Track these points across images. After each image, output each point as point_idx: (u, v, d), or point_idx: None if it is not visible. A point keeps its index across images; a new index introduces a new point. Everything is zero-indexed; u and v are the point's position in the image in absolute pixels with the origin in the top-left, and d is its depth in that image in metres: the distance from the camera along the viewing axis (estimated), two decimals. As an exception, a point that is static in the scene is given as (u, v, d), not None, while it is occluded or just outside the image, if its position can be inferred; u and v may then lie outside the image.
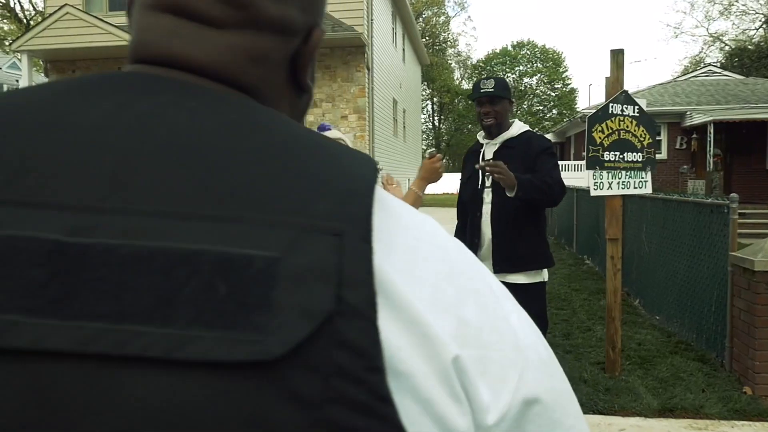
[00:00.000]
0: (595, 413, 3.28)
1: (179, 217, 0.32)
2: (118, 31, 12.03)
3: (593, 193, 3.69)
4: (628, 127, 3.66)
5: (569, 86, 45.63)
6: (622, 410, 3.33)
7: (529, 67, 46.24)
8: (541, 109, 46.32)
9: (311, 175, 0.35)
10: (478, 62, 47.85)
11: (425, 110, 48.23)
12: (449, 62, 47.35)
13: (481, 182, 2.85)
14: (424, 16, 43.31)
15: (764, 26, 27.12)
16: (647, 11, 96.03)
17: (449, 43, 47.36)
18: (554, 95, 45.60)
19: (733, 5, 27.91)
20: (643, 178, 3.79)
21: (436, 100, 47.61)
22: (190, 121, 0.36)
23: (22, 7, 26.87)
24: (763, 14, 26.77)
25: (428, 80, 43.69)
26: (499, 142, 2.88)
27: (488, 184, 2.82)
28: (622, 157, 3.67)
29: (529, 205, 2.74)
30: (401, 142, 19.34)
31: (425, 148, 45.91)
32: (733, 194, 3.89)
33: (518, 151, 2.81)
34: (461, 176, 3.05)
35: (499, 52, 46.64)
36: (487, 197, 2.82)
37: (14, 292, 0.30)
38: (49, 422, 0.29)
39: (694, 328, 4.55)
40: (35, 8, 26.32)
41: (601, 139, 3.63)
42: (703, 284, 4.39)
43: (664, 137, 16.98)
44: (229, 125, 0.37)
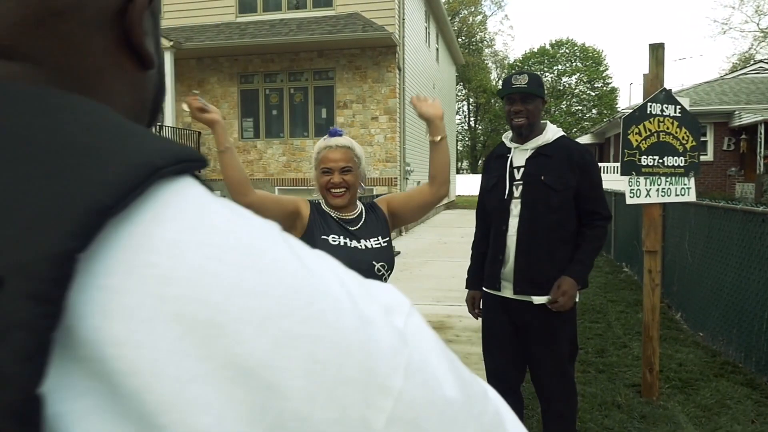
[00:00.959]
0: (628, 444, 2.98)
1: None
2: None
3: (629, 201, 3.38)
4: (668, 128, 3.33)
5: (610, 85, 44.39)
6: (659, 442, 3.02)
7: (568, 66, 45.19)
8: (580, 109, 45.22)
9: (22, 189, 0.25)
10: (515, 62, 47.05)
11: (461, 111, 47.78)
12: (485, 62, 46.71)
13: (508, 191, 2.53)
14: (460, 15, 42.83)
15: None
16: (693, 7, 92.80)
17: (486, 42, 46.74)
18: (594, 95, 44.45)
19: (786, -1, 26.56)
20: (685, 184, 3.45)
21: (472, 100, 47.04)
22: None
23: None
24: (819, 8, 25.38)
25: (464, 81, 43.20)
26: (531, 147, 2.53)
27: (516, 194, 2.52)
28: (661, 161, 3.35)
29: (562, 222, 2.47)
30: (434, 143, 19.04)
31: (461, 149, 45.48)
32: (788, 203, 3.51)
33: (556, 160, 2.47)
34: (483, 182, 2.74)
35: (537, 51, 45.74)
36: (514, 209, 2.51)
37: None
38: None
39: (742, 347, 4.16)
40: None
41: (638, 142, 3.31)
42: (752, 299, 4.01)
43: (710, 138, 16.22)
44: None
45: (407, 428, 0.28)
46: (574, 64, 45.10)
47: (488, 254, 2.64)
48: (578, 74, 44.84)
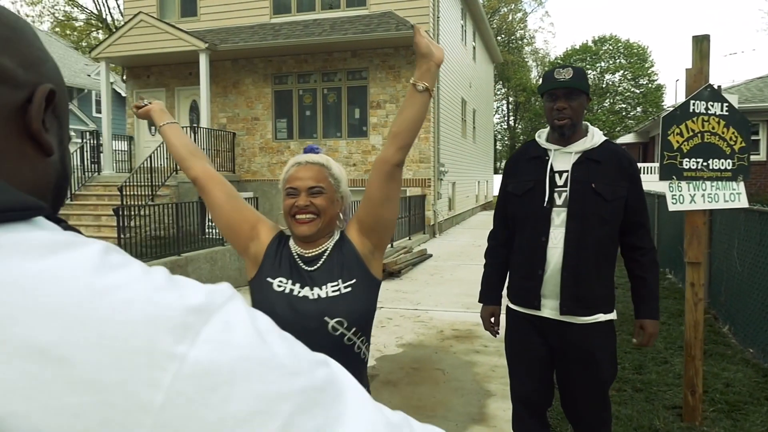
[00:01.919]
0: (666, 476, 2.71)
1: None
2: (187, 36, 12.27)
3: (672, 208, 3.09)
4: (713, 128, 3.03)
5: (655, 82, 42.91)
6: (701, 474, 2.74)
7: (611, 63, 43.92)
8: (624, 107, 43.88)
9: None
10: (555, 59, 46.03)
11: (500, 110, 47.03)
12: (525, 60, 45.83)
13: (548, 198, 2.25)
14: (500, 12, 42.13)
15: None
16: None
17: (526, 40, 45.84)
18: (639, 92, 43.05)
19: None
20: (734, 189, 3.14)
21: (511, 99, 46.25)
22: None
23: (113, 17, 28.46)
24: None
25: (503, 79, 42.49)
26: (576, 150, 2.26)
27: (559, 202, 2.24)
28: (705, 164, 3.05)
29: (612, 235, 2.25)
30: (470, 143, 18.71)
31: (500, 149, 44.73)
32: None
33: (607, 168, 2.22)
34: (509, 185, 2.42)
35: (578, 48, 44.61)
36: (557, 218, 2.24)
37: None
38: None
39: (797, 367, 3.80)
40: (123, 17, 27.83)
41: (679, 143, 3.03)
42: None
43: (762, 137, 15.41)
44: None
45: (197, 383, 0.36)
46: (617, 61, 43.80)
47: (517, 267, 2.38)
48: (622, 71, 43.53)
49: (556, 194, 2.25)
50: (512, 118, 47.38)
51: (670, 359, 4.36)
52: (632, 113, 43.08)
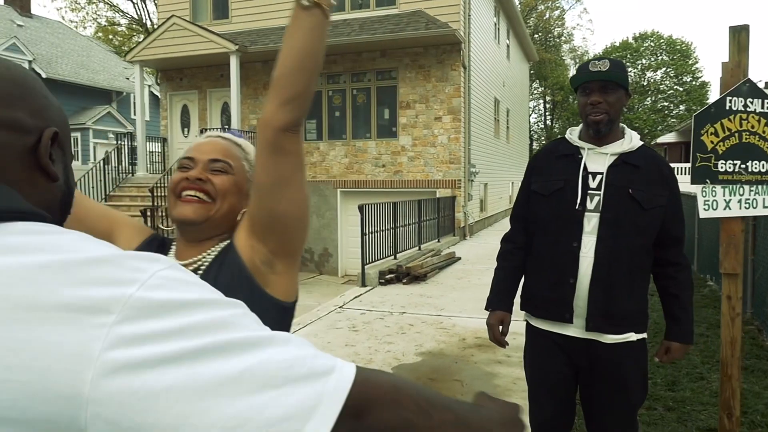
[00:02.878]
0: None
1: None
2: (218, 38, 12.36)
3: (703, 214, 2.83)
4: (753, 127, 2.76)
5: (699, 79, 41.40)
6: (736, 508, 2.49)
7: (653, 60, 42.60)
8: (666, 105, 42.49)
9: None
10: (594, 57, 44.94)
11: (537, 109, 46.21)
12: (563, 58, 44.88)
13: (580, 200, 2.03)
14: (537, 10, 41.36)
15: None
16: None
17: (564, 38, 44.89)
18: (682, 90, 41.61)
19: None
20: (776, 193, 2.86)
21: (548, 98, 45.39)
22: None
23: (152, 22, 29.16)
24: None
25: (540, 78, 41.73)
26: (612, 152, 2.04)
27: (590, 206, 2.02)
28: (744, 167, 2.78)
29: (647, 246, 2.04)
30: (503, 143, 18.35)
31: (536, 148, 43.88)
32: None
33: (646, 174, 2.01)
34: (535, 184, 2.18)
35: (618, 45, 43.44)
36: (587, 224, 2.02)
37: None
38: None
39: None
40: (157, 20, 28.45)
41: (714, 144, 2.77)
42: None
43: (815, 135, 14.57)
44: None
45: (140, 313, 0.45)
46: (659, 57, 42.46)
47: (539, 275, 2.15)
48: (664, 68, 42.18)
49: (587, 197, 2.03)
50: (549, 117, 46.48)
51: (706, 375, 4.07)
52: (675, 112, 41.68)
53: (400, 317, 6.14)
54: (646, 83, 42.20)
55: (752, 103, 2.79)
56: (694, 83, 41.31)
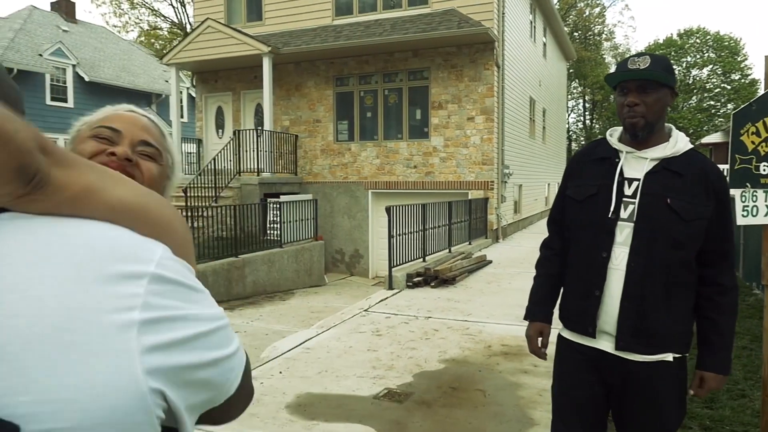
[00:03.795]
0: None
1: None
2: (251, 40, 12.46)
3: (741, 221, 2.62)
4: (799, 126, 2.53)
5: (749, 77, 39.75)
6: None
7: (698, 57, 41.14)
8: (713, 104, 40.95)
9: None
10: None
11: (576, 109, 45.22)
12: (603, 56, 43.79)
13: (614, 207, 1.87)
14: (576, 7, 40.46)
15: None
16: None
17: (605, 35, 43.78)
18: (730, 88, 40.03)
19: None
20: (826, 198, 2.62)
21: (588, 98, 44.35)
22: None
23: (191, 25, 29.72)
24: None
25: (579, 77, 40.81)
26: (653, 157, 1.86)
27: (624, 214, 1.86)
28: (788, 170, 2.56)
29: (687, 262, 1.83)
30: (539, 144, 17.96)
31: (575, 148, 42.93)
32: None
33: (688, 182, 1.82)
34: (569, 188, 2.05)
35: (662, 42, 42.11)
36: (619, 234, 1.86)
37: None
38: None
39: None
40: (193, 24, 28.97)
41: (755, 144, 2.55)
42: None
43: None
44: None
45: (165, 288, 0.61)
46: (706, 55, 40.97)
47: (571, 284, 2.01)
48: (711, 66, 40.67)
49: (621, 205, 1.87)
50: (589, 117, 45.42)
51: (749, 392, 3.80)
52: (722, 111, 40.12)
53: (425, 322, 6.00)
54: (690, 81, 40.78)
55: (799, 99, 2.56)
56: (743, 81, 39.70)
